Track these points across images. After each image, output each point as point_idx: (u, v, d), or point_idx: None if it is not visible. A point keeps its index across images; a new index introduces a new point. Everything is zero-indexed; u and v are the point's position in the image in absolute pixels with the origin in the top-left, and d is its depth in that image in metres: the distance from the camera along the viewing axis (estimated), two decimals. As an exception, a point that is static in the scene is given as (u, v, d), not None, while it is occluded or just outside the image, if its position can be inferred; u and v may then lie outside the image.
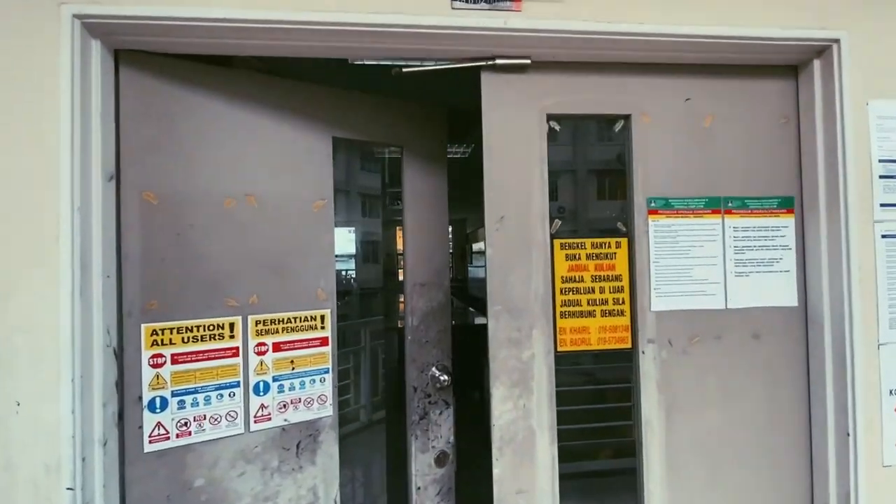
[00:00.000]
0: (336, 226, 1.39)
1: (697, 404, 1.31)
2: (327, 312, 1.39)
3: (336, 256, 1.41)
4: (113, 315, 1.11)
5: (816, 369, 1.32)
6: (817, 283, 1.30)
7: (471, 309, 6.26)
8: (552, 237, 1.26)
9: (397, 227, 1.61)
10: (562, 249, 1.28)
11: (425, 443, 1.57)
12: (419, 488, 1.56)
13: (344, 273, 1.87)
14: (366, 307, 1.97)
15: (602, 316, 1.29)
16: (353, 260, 1.85)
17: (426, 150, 1.61)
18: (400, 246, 1.57)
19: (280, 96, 1.34)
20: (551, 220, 1.26)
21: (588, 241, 1.29)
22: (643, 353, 1.28)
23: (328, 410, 1.38)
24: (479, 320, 5.06)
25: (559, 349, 1.26)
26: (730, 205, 1.33)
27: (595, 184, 1.39)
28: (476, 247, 9.28)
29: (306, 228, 1.36)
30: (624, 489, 1.39)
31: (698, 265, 1.31)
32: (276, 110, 1.33)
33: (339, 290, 1.43)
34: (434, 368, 1.57)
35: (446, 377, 1.53)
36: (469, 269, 9.73)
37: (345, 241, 1.78)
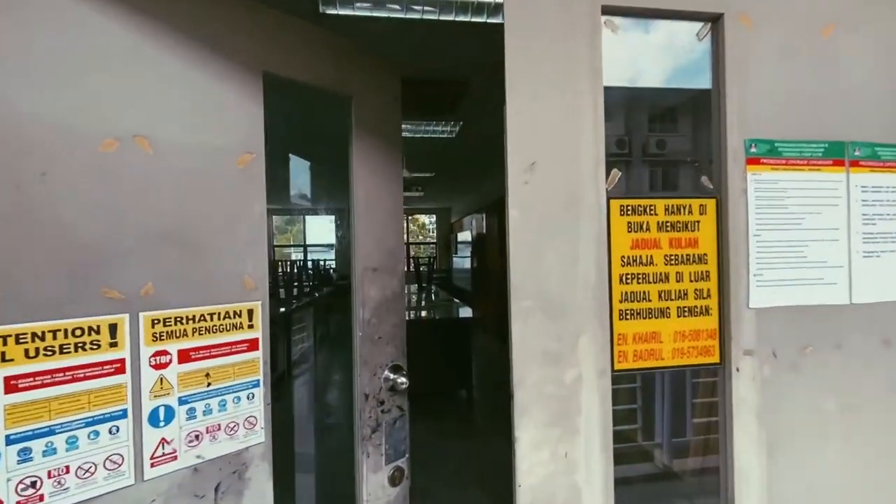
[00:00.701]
0: (318, 214, 1.13)
1: (811, 442, 0.90)
2: (257, 306, 0.95)
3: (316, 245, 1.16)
4: None
5: (973, 391, 0.92)
6: (978, 268, 0.90)
7: (455, 300, 5.93)
8: (608, 196, 0.83)
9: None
10: (622, 215, 0.84)
11: (378, 460, 1.28)
12: (370, 516, 1.21)
13: (323, 263, 1.68)
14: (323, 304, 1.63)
15: (679, 316, 0.86)
16: (332, 250, 1.61)
17: (379, 105, 1.28)
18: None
19: (194, 4, 0.89)
20: (607, 169, 0.83)
21: (660, 204, 0.85)
22: (737, 370, 0.87)
23: (259, 436, 1.00)
24: (463, 312, 4.70)
25: (617, 367, 0.83)
26: (857, 153, 0.91)
27: (669, 117, 0.96)
28: (461, 237, 9.01)
29: (227, 191, 0.94)
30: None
31: (813, 240, 0.90)
32: (187, 24, 0.91)
33: (318, 283, 1.05)
34: (387, 370, 1.29)
35: (403, 380, 1.27)
36: (454, 259, 9.48)
37: (325, 230, 1.60)
